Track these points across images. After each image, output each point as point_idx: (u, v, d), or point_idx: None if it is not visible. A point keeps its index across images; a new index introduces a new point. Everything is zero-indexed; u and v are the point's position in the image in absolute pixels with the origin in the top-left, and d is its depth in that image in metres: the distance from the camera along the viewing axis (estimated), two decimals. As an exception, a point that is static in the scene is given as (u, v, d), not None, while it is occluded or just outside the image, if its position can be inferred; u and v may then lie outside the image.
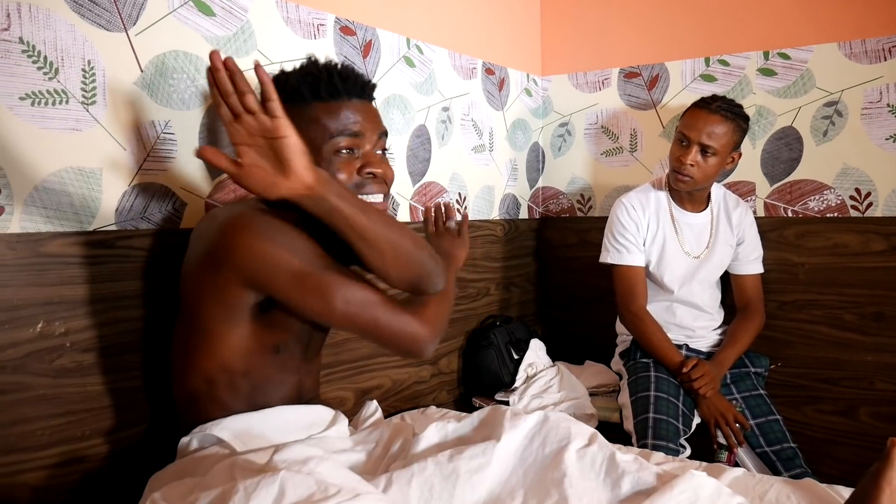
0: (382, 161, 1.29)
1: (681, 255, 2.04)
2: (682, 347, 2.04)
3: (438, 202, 1.71)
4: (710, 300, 2.09)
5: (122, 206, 1.35)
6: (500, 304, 2.49)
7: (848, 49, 2.08)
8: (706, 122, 1.89)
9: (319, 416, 1.35)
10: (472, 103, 2.30)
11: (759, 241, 2.12)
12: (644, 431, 1.82)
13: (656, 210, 2.06)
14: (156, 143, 1.40)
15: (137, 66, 1.36)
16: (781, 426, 1.88)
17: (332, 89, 1.24)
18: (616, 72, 2.49)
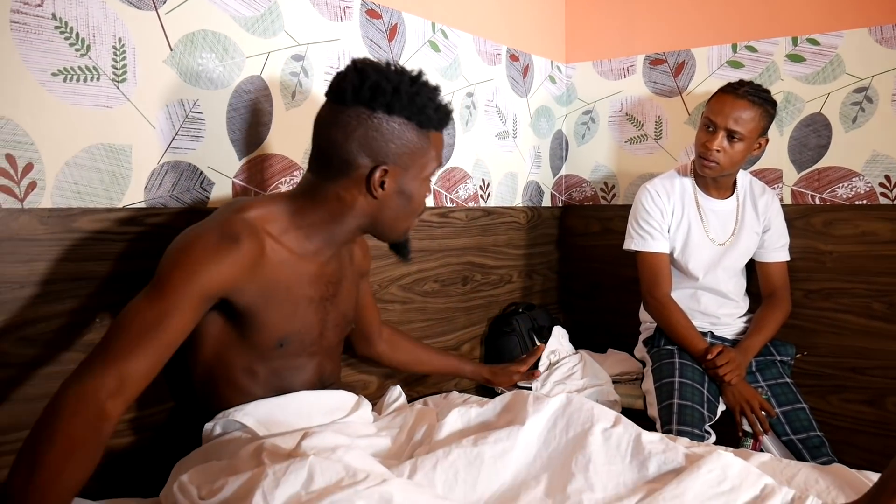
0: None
1: (706, 242, 2.02)
2: (707, 335, 2.02)
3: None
4: (735, 288, 2.07)
5: (151, 184, 1.36)
6: (522, 291, 2.49)
7: (879, 34, 2.05)
8: (733, 107, 1.86)
9: (342, 400, 1.36)
10: (497, 89, 2.30)
11: (786, 229, 2.10)
12: (669, 417, 1.81)
13: (681, 196, 2.04)
14: (184, 122, 1.41)
15: (167, 45, 1.37)
16: (808, 414, 1.86)
17: (446, 122, 1.26)
18: (641, 59, 2.47)
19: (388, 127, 1.18)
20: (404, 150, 1.20)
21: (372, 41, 1.82)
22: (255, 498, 0.93)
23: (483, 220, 2.26)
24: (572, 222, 2.67)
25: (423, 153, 1.23)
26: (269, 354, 1.25)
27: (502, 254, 2.36)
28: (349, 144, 1.18)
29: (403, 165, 1.21)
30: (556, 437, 1.27)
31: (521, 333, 2.22)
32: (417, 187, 1.25)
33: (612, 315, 2.53)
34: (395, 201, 1.23)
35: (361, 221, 1.26)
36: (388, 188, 1.21)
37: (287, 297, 1.23)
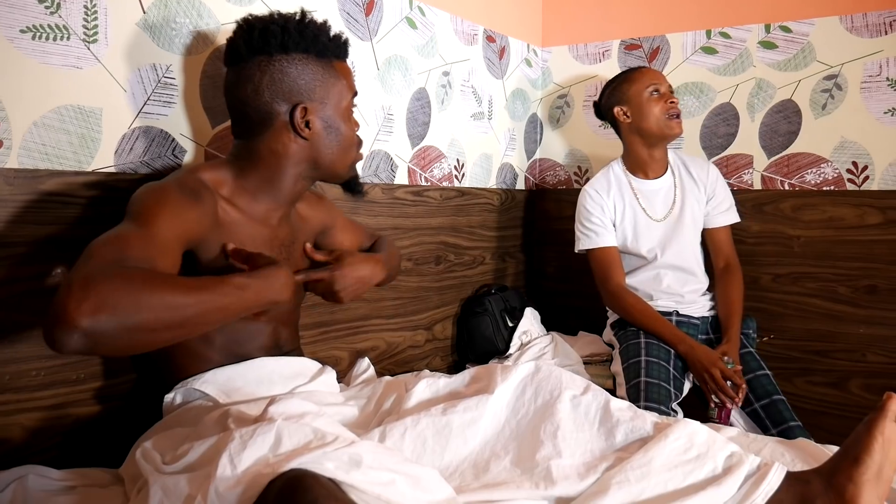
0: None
1: (649, 222, 2.07)
2: (672, 314, 2.04)
3: None
4: (695, 262, 2.09)
5: (121, 149, 1.33)
6: (495, 273, 2.49)
7: (849, 22, 2.08)
8: (657, 75, 2.05)
9: (304, 367, 1.35)
10: (473, 70, 2.29)
11: (730, 193, 2.11)
12: (636, 395, 1.83)
13: (619, 187, 2.10)
14: (157, 87, 1.38)
15: (140, 7, 1.35)
16: (771, 380, 1.88)
17: (345, 50, 1.29)
18: (616, 44, 2.48)
19: (290, 66, 1.20)
20: (315, 84, 1.23)
21: (349, 14, 1.80)
22: (221, 461, 0.91)
23: (457, 200, 2.26)
24: (545, 206, 2.68)
25: (334, 82, 1.25)
26: None
27: (476, 235, 2.36)
28: (261, 95, 1.20)
29: (320, 99, 1.23)
30: (524, 405, 1.27)
31: (493, 314, 2.22)
32: (342, 119, 1.27)
33: (583, 298, 2.54)
34: (326, 137, 1.25)
35: (301, 168, 1.27)
36: (315, 126, 1.23)
37: None
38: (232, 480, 0.88)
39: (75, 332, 0.79)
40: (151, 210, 1.04)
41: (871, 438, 1.12)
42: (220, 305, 0.96)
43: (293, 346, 1.40)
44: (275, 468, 0.88)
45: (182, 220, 1.08)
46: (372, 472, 0.92)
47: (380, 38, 1.90)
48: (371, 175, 1.92)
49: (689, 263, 2.07)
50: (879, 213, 2.06)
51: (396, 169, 2.01)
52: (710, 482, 1.10)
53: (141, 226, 1.01)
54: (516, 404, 1.26)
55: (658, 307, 2.04)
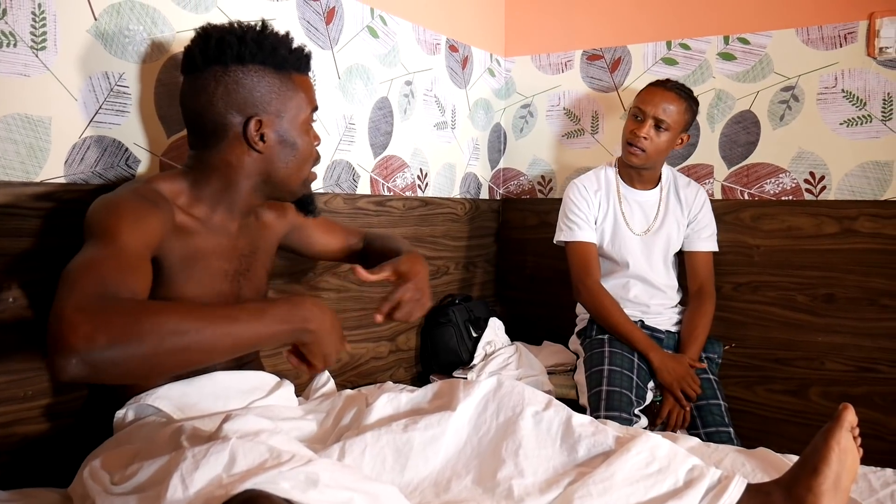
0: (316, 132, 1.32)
1: (628, 232, 2.08)
2: (638, 323, 2.05)
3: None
4: (665, 278, 2.11)
5: (71, 159, 1.29)
6: (460, 283, 2.48)
7: (805, 35, 2.11)
8: (662, 97, 1.96)
9: (261, 381, 1.32)
10: (436, 79, 2.28)
11: (713, 222, 2.14)
12: (597, 403, 1.84)
13: (606, 189, 2.11)
14: (109, 96, 1.35)
15: (91, 14, 1.31)
16: (722, 411, 1.88)
17: (307, 63, 1.26)
18: (579, 54, 2.50)
19: (245, 77, 1.17)
20: (271, 97, 1.19)
21: (309, 23, 1.78)
22: (172, 481, 0.88)
23: (420, 210, 2.24)
24: (510, 215, 2.68)
25: (291, 96, 1.22)
26: None
27: (440, 245, 2.35)
28: (215, 106, 1.18)
29: (276, 113, 1.20)
30: (486, 422, 1.25)
31: (457, 324, 2.21)
32: (299, 133, 1.24)
33: (548, 308, 2.55)
34: (281, 152, 1.22)
35: (254, 181, 1.24)
36: (269, 139, 1.20)
37: (203, 268, 1.21)
38: (184, 502, 0.85)
39: (73, 357, 0.79)
40: (113, 225, 1.02)
41: (828, 449, 1.13)
42: (230, 332, 0.93)
43: (252, 359, 1.37)
44: (228, 489, 0.85)
45: (144, 227, 1.06)
46: (329, 490, 0.90)
47: (340, 46, 1.88)
48: (332, 185, 1.90)
49: (658, 279, 2.09)
50: (836, 222, 2.10)
51: (359, 179, 1.99)
52: (671, 495, 1.10)
53: (108, 244, 0.99)
54: (478, 421, 1.25)
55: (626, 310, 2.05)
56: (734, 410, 2.14)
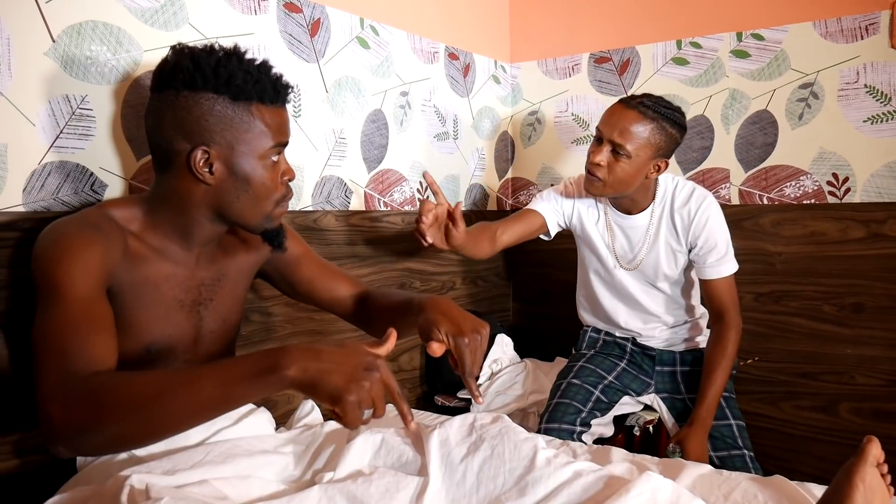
0: (289, 166, 1.22)
1: (612, 260, 1.87)
2: (629, 340, 1.94)
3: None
4: (659, 306, 1.89)
5: (31, 186, 1.25)
6: (467, 298, 2.39)
7: (823, 28, 1.99)
8: (620, 117, 1.63)
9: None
10: (434, 89, 2.21)
11: (724, 241, 1.76)
12: (542, 417, 1.77)
13: (594, 203, 1.88)
14: (71, 119, 1.30)
15: (49, 36, 1.26)
16: (734, 431, 1.72)
17: (275, 95, 1.15)
18: (586, 57, 2.40)
19: (195, 105, 1.09)
20: (221, 127, 1.10)
21: (291, 36, 1.72)
22: None
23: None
24: (520, 226, 2.59)
25: (246, 128, 1.12)
26: (137, 360, 1.14)
27: (444, 259, 2.27)
28: (164, 131, 1.11)
29: (227, 144, 1.11)
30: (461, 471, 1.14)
31: (461, 342, 2.12)
32: (253, 168, 1.13)
33: (561, 322, 2.44)
34: (231, 185, 1.13)
35: (206, 212, 1.16)
36: (218, 171, 1.12)
37: (155, 298, 1.15)
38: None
39: (58, 444, 0.88)
40: (60, 275, 1.01)
41: (853, 487, 1.04)
42: (193, 397, 0.89)
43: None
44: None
45: (90, 263, 1.03)
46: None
47: (327, 59, 1.82)
48: (323, 202, 1.83)
49: (652, 305, 1.88)
50: (862, 226, 1.96)
51: (351, 195, 1.92)
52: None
53: (58, 301, 0.98)
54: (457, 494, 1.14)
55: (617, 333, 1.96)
56: (757, 428, 2.02)
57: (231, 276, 1.30)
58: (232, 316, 1.31)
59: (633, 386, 1.87)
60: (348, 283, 1.47)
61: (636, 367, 1.92)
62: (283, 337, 1.73)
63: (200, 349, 1.24)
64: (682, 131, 1.68)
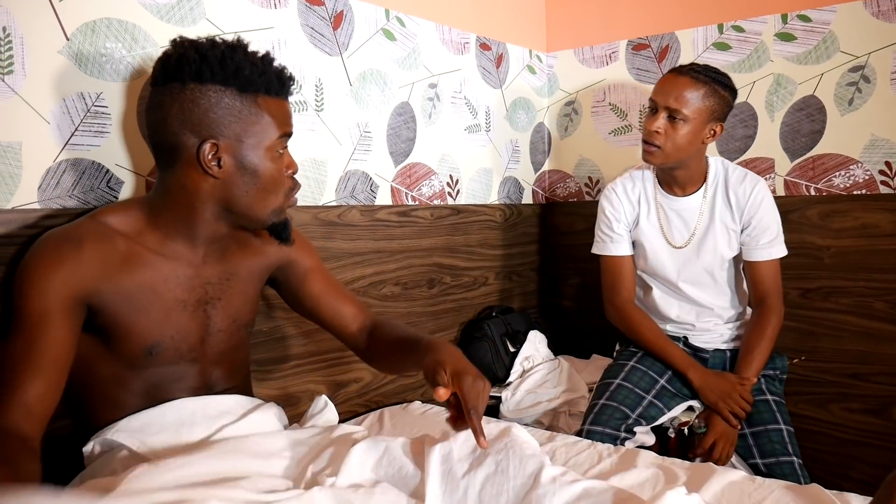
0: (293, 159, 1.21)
1: (665, 246, 1.82)
2: (680, 341, 1.85)
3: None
4: (714, 295, 1.83)
5: (45, 184, 1.26)
6: (500, 294, 2.35)
7: (875, 7, 1.86)
8: (674, 84, 1.67)
9: (233, 405, 1.23)
10: (465, 80, 2.16)
11: (776, 223, 1.77)
12: (586, 417, 1.70)
13: (642, 195, 1.85)
14: (86, 117, 1.31)
15: (63, 34, 1.27)
16: (783, 437, 1.64)
17: (280, 86, 1.15)
18: (623, 44, 2.32)
19: (203, 97, 1.08)
20: (229, 120, 1.10)
21: (313, 29, 1.71)
22: None
23: (452, 219, 2.13)
24: (556, 220, 2.52)
25: (254, 120, 1.11)
26: (139, 363, 1.14)
27: (475, 254, 2.23)
28: (170, 124, 1.10)
29: (235, 137, 1.10)
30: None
31: (492, 339, 2.08)
32: (262, 160, 1.13)
33: (598, 318, 2.36)
34: (240, 178, 1.12)
35: (213, 208, 1.15)
36: (227, 164, 1.11)
37: (154, 300, 1.14)
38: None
39: None
40: (21, 297, 1.05)
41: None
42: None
43: (230, 386, 1.28)
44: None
45: (53, 287, 1.05)
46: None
47: (351, 52, 1.80)
48: (347, 197, 1.81)
49: (705, 297, 1.82)
50: (918, 218, 1.84)
51: (377, 189, 1.90)
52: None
53: (15, 327, 1.04)
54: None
55: (665, 331, 1.86)
56: (805, 431, 1.92)
57: (242, 275, 1.28)
58: (243, 316, 1.29)
59: (685, 390, 1.79)
60: (355, 308, 1.42)
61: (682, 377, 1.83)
62: (308, 332, 1.72)
63: (208, 348, 1.23)
64: (733, 94, 1.72)
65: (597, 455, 1.51)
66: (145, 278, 1.13)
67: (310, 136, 1.71)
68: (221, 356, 1.26)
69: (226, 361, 1.27)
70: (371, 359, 1.41)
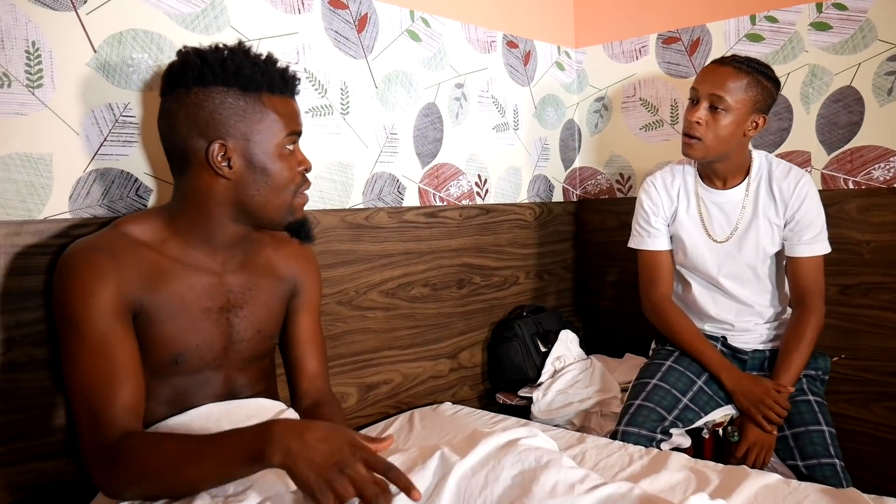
0: (305, 156, 1.22)
1: (706, 241, 1.78)
2: (718, 341, 1.81)
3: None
4: (755, 293, 1.78)
5: (76, 194, 1.29)
6: (531, 293, 2.33)
7: (914, -7, 1.80)
8: (716, 73, 1.63)
9: (260, 408, 1.24)
10: (492, 79, 2.15)
11: (819, 218, 1.71)
12: (621, 418, 1.67)
13: (683, 189, 1.81)
14: (114, 127, 1.33)
15: (90, 47, 1.30)
16: (825, 438, 1.59)
17: (283, 84, 1.17)
18: (654, 38, 2.28)
19: (207, 99, 1.10)
20: (235, 119, 1.11)
21: (337, 33, 1.71)
22: None
23: (481, 219, 2.12)
24: (587, 217, 2.50)
25: (260, 118, 1.12)
26: (165, 371, 1.16)
27: (506, 254, 2.22)
28: (179, 129, 1.12)
29: (242, 136, 1.12)
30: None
31: (522, 338, 2.07)
32: (271, 158, 1.14)
33: (631, 316, 2.33)
34: (251, 178, 1.14)
35: (227, 210, 1.16)
36: (236, 164, 1.12)
37: (180, 309, 1.15)
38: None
39: (101, 490, 1.04)
40: (80, 313, 1.06)
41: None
42: (198, 473, 0.98)
43: (255, 392, 1.30)
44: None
45: (108, 298, 1.07)
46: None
47: (376, 54, 1.80)
48: (374, 200, 1.82)
49: (746, 294, 1.78)
50: (962, 211, 1.77)
51: (405, 191, 1.90)
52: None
53: (83, 343, 1.05)
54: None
55: (703, 331, 1.82)
56: (846, 431, 1.88)
57: (264, 288, 1.27)
58: (267, 327, 1.29)
59: (721, 393, 1.74)
60: (317, 368, 1.37)
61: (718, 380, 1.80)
62: (336, 335, 1.73)
63: (232, 356, 1.24)
64: (777, 86, 1.68)
65: (628, 457, 1.50)
66: (171, 288, 1.14)
67: (336, 140, 1.72)
68: (246, 364, 1.27)
69: (250, 369, 1.28)
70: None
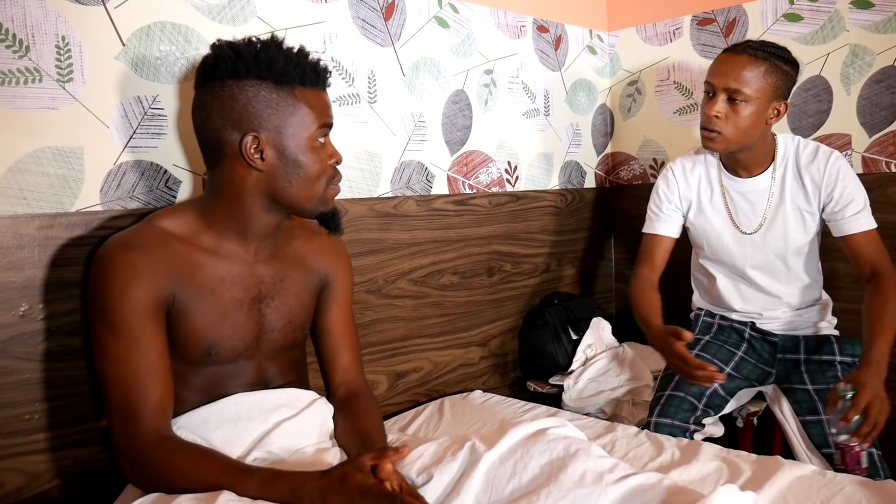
0: (336, 149, 1.23)
1: (731, 231, 1.74)
2: (747, 325, 1.78)
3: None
4: (784, 284, 1.74)
5: (107, 186, 1.31)
6: (563, 280, 2.31)
7: (962, -33, 1.73)
8: (731, 64, 1.57)
9: (291, 398, 1.26)
10: (522, 64, 2.13)
11: (861, 192, 1.63)
12: (652, 409, 1.65)
13: (705, 178, 1.77)
14: (143, 120, 1.35)
15: (119, 40, 1.31)
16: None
17: (315, 77, 1.17)
18: (688, 19, 2.23)
19: (241, 92, 1.12)
20: (268, 112, 1.12)
21: (365, 21, 1.71)
22: None
23: (511, 206, 2.10)
24: (621, 203, 2.46)
25: (293, 111, 1.13)
26: (199, 361, 1.18)
27: (536, 241, 2.20)
28: (213, 122, 1.13)
29: (275, 129, 1.13)
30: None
31: (553, 326, 2.05)
32: (303, 150, 1.15)
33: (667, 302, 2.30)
34: (283, 169, 1.15)
35: (260, 201, 1.17)
36: (269, 156, 1.14)
37: (212, 301, 1.17)
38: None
39: (136, 486, 1.10)
40: (113, 307, 1.08)
41: None
42: (245, 499, 1.01)
43: (287, 381, 1.31)
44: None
45: (142, 294, 1.09)
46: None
47: (403, 42, 1.79)
48: (403, 188, 1.81)
49: (773, 284, 1.74)
50: None
51: (433, 179, 1.89)
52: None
53: (116, 338, 1.08)
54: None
55: (734, 317, 1.79)
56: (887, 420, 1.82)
57: (295, 279, 1.29)
58: (298, 318, 1.30)
59: (752, 376, 1.72)
60: (351, 361, 1.38)
61: (755, 354, 1.77)
62: (366, 324, 1.73)
63: (264, 346, 1.25)
64: (795, 68, 1.61)
65: (658, 447, 1.48)
66: (205, 280, 1.16)
67: (363, 129, 1.72)
68: (277, 353, 1.28)
69: (282, 358, 1.30)
70: (336, 424, 1.33)
